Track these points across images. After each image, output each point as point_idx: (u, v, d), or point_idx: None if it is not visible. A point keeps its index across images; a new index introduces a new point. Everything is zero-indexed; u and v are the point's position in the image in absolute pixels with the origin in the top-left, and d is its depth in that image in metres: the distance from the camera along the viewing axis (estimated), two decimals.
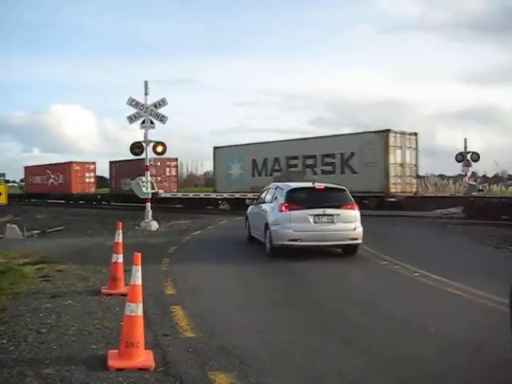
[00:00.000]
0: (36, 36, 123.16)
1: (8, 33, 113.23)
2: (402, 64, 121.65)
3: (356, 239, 10.90)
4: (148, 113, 18.59)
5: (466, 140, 26.36)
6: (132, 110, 18.69)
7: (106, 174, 44.16)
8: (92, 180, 44.31)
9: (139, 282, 4.57)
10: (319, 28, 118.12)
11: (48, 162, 49.11)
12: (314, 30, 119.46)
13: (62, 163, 46.10)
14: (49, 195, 45.82)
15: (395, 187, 23.85)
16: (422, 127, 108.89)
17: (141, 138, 19.11)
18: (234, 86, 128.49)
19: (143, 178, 19.60)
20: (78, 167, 43.90)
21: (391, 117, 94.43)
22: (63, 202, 43.79)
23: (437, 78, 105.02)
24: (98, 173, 46.78)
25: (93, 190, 43.91)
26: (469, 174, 26.59)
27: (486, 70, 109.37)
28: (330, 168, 25.42)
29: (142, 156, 19.38)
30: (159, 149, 19.14)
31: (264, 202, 12.53)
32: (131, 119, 18.82)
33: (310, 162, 26.42)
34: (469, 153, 26.13)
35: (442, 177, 39.61)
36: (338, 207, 10.93)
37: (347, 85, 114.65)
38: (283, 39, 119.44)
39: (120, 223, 8.06)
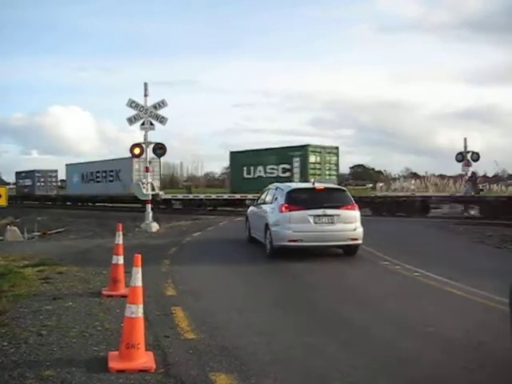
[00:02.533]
0: (35, 37, 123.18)
1: (7, 34, 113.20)
2: (402, 64, 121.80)
3: (356, 239, 10.89)
4: (148, 114, 18.61)
5: (465, 140, 26.41)
6: (132, 112, 18.72)
7: None
8: None
9: (139, 283, 4.58)
10: (319, 28, 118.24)
11: None
12: (314, 31, 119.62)
13: None
14: None
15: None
16: (422, 127, 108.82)
17: (140, 139, 19.13)
18: (233, 87, 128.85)
19: (143, 180, 19.61)
20: None
21: (391, 117, 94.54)
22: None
23: (437, 79, 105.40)
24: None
25: None
26: (469, 173, 26.61)
27: (486, 70, 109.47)
28: None
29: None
30: (159, 150, 19.17)
31: (264, 203, 12.54)
32: (131, 121, 18.83)
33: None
34: (469, 152, 26.17)
35: (442, 177, 39.66)
36: (338, 208, 10.92)
37: (347, 85, 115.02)
38: (283, 40, 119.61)
39: (120, 225, 8.06)
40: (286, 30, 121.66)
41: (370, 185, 58.08)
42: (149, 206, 19.21)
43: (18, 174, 54.24)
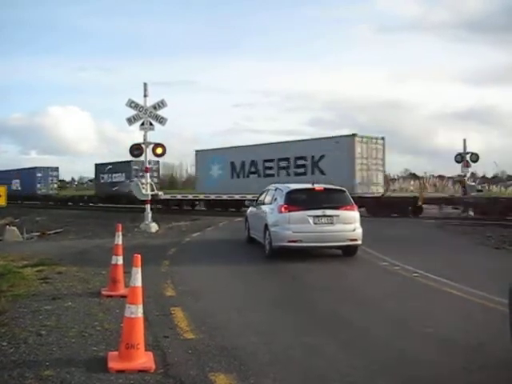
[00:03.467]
0: (35, 37, 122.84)
1: (7, 34, 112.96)
2: (402, 64, 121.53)
3: (355, 240, 10.90)
4: (147, 114, 18.60)
5: (465, 141, 26.34)
6: (131, 112, 18.71)
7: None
8: None
9: (139, 283, 4.58)
10: (319, 28, 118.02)
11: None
12: (314, 31, 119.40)
13: None
14: None
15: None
16: (421, 128, 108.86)
17: (139, 140, 19.14)
18: (233, 87, 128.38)
19: (143, 180, 19.59)
20: None
21: (390, 117, 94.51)
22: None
23: (436, 79, 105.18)
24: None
25: None
26: (468, 174, 26.60)
27: (485, 71, 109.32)
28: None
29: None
30: (159, 150, 19.16)
31: (264, 204, 12.54)
32: (130, 121, 18.82)
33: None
34: (468, 153, 26.12)
35: (441, 177, 39.72)
36: (338, 208, 10.94)
37: (347, 85, 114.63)
38: (283, 40, 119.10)
39: (119, 225, 8.06)
40: (286, 29, 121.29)
41: None
42: (148, 207, 19.21)
43: (99, 166, 40.76)
